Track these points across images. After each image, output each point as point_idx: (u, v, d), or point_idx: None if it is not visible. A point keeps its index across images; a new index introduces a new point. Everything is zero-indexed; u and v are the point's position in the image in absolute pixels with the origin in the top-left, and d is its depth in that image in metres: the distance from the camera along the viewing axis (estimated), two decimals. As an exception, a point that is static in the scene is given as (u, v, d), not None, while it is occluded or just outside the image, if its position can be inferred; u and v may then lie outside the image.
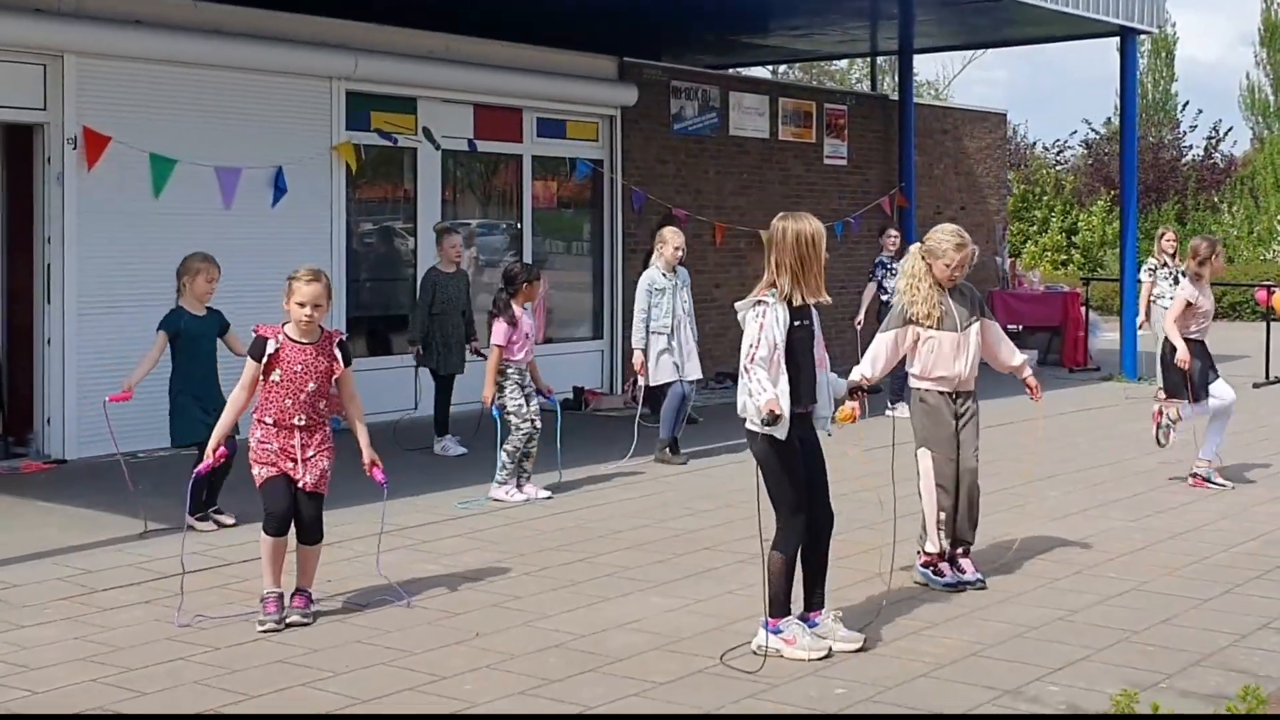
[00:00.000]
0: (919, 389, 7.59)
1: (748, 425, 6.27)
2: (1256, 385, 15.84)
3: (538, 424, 9.86)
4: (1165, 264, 15.26)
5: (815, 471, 6.42)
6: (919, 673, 6.04)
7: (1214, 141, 36.57)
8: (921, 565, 7.56)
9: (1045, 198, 34.12)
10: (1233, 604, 7.15)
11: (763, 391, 6.11)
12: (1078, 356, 18.57)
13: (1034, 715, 5.54)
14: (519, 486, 9.83)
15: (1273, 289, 17.69)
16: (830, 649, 6.26)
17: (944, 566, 7.52)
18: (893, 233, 14.80)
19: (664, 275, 11.23)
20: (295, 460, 6.84)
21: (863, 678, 5.97)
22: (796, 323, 6.31)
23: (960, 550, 7.57)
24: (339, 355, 6.95)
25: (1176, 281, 13.40)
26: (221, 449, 7.03)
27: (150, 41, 11.79)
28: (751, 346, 6.19)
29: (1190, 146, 36.64)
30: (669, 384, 11.30)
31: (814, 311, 6.46)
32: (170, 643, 6.48)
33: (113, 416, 8.70)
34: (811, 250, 6.29)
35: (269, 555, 6.87)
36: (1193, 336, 10.13)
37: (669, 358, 11.22)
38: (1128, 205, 18.25)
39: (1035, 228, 33.71)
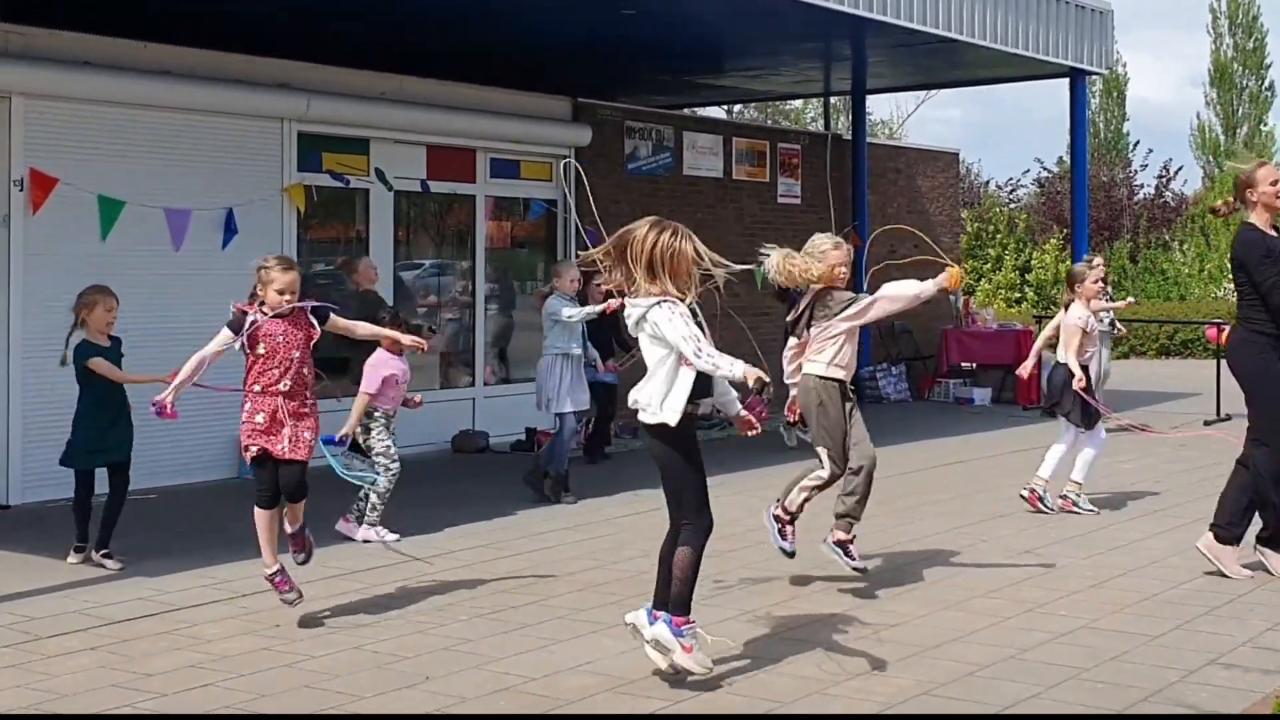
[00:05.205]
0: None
1: (646, 419, 6.28)
2: (1208, 423, 15.94)
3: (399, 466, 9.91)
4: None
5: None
6: (870, 713, 6.02)
7: (1165, 180, 36.97)
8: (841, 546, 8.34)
9: (998, 236, 34.37)
10: (1182, 640, 7.17)
11: (732, 365, 6.02)
12: (1031, 395, 18.64)
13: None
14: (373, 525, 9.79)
15: (1223, 326, 17.81)
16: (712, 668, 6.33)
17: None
18: None
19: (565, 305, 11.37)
20: (280, 426, 7.35)
21: None
22: None
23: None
24: (314, 320, 7.50)
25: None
26: (169, 407, 7.31)
27: (99, 82, 11.71)
28: (694, 339, 6.08)
29: (1141, 185, 37.04)
30: (566, 414, 11.33)
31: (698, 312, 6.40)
32: (116, 689, 6.38)
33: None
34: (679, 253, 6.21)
35: (264, 529, 7.51)
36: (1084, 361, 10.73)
37: (567, 387, 11.26)
38: (1079, 243, 18.41)
39: (989, 266, 33.94)
